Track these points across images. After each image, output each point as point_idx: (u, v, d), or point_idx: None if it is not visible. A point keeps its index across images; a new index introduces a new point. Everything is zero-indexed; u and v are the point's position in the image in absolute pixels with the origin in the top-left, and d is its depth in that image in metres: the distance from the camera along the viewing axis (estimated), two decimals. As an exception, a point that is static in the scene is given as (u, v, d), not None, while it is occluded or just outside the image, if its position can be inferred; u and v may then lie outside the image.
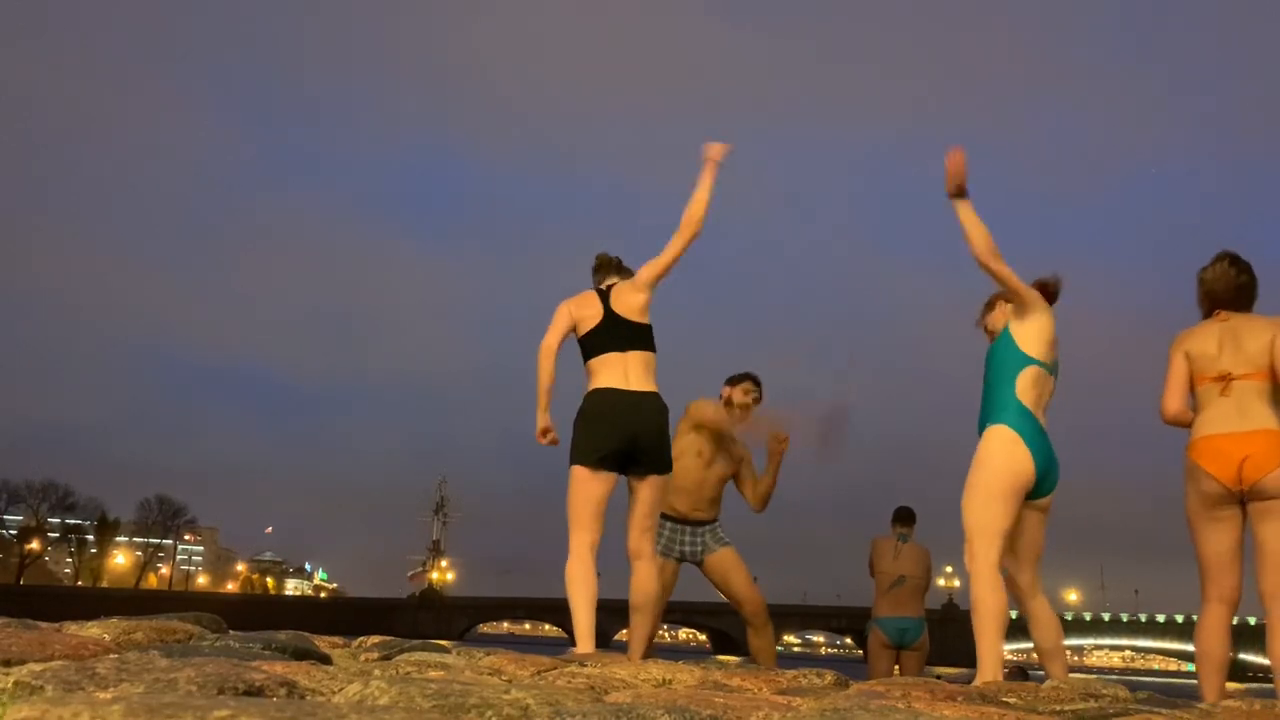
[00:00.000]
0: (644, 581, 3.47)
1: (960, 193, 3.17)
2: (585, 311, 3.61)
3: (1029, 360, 3.20)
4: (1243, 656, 46.70)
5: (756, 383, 4.52)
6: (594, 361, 3.56)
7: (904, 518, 5.79)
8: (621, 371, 3.52)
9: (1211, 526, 3.16)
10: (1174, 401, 3.27)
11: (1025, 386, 3.17)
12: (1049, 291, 3.39)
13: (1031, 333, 3.23)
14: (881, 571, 5.69)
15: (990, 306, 3.51)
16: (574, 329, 3.64)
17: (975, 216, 3.16)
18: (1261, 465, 3.04)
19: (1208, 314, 3.34)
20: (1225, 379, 3.15)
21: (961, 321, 3.61)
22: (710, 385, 4.66)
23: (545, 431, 3.57)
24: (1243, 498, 3.11)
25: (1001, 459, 3.10)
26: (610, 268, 3.81)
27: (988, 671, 2.94)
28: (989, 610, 3.02)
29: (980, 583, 3.03)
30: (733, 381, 4.55)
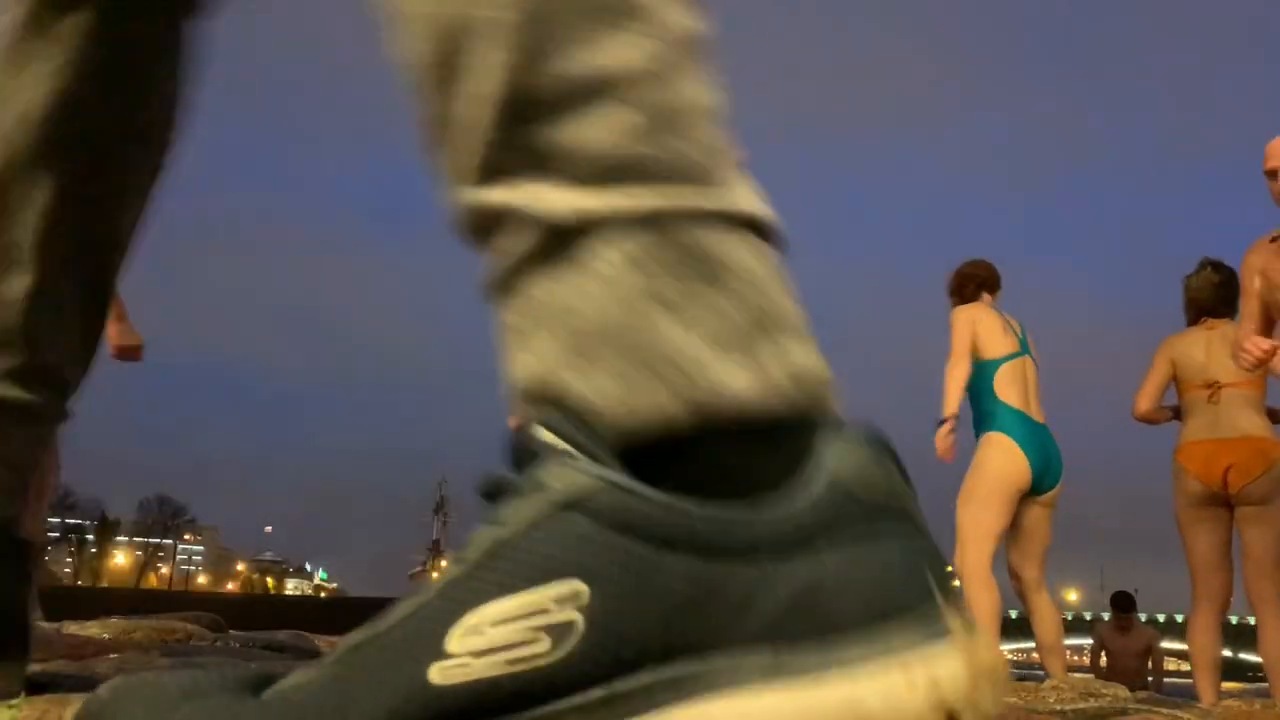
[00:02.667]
0: None
1: None
2: None
3: (991, 363, 3.29)
4: (1243, 656, 46.76)
5: None
6: None
7: None
8: None
9: (1199, 528, 3.23)
10: (1146, 401, 3.39)
11: (1003, 386, 3.25)
12: (981, 277, 3.52)
13: (966, 341, 3.31)
14: None
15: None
16: None
17: None
18: (1247, 472, 3.13)
19: (1193, 321, 3.41)
20: (1214, 387, 3.23)
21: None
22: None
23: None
24: (1229, 501, 3.20)
25: (994, 465, 3.20)
26: None
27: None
28: (982, 609, 3.09)
29: (973, 583, 3.12)
30: None
